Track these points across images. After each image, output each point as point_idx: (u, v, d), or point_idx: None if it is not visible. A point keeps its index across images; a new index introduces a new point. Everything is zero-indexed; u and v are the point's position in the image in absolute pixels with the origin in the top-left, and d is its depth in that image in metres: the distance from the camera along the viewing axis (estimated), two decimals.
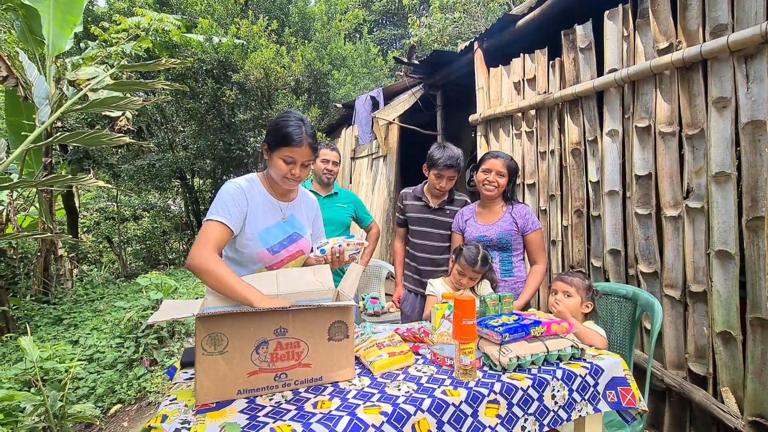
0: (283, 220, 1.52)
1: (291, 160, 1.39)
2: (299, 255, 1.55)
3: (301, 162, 1.41)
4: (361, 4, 17.38)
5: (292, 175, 1.42)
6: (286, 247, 1.51)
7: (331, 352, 1.18)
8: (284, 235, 1.51)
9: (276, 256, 1.49)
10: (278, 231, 1.49)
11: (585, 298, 1.62)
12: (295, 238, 1.54)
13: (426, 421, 1.05)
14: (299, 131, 1.38)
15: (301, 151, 1.39)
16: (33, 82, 3.01)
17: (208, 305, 1.19)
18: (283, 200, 1.54)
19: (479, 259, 1.77)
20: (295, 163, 1.40)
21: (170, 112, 8.84)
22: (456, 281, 1.82)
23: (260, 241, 1.44)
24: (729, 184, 1.69)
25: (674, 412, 1.97)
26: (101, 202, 9.88)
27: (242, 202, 1.40)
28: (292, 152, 1.38)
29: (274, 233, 1.48)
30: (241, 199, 1.40)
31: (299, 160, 1.40)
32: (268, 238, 1.46)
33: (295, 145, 1.37)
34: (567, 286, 1.64)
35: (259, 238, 1.44)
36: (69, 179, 2.75)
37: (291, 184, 1.46)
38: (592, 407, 1.27)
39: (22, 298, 4.72)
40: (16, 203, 4.71)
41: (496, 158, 1.98)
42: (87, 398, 2.72)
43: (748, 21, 1.64)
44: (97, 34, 5.89)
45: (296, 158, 1.39)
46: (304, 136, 1.39)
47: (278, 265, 1.50)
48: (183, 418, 1.03)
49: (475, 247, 1.82)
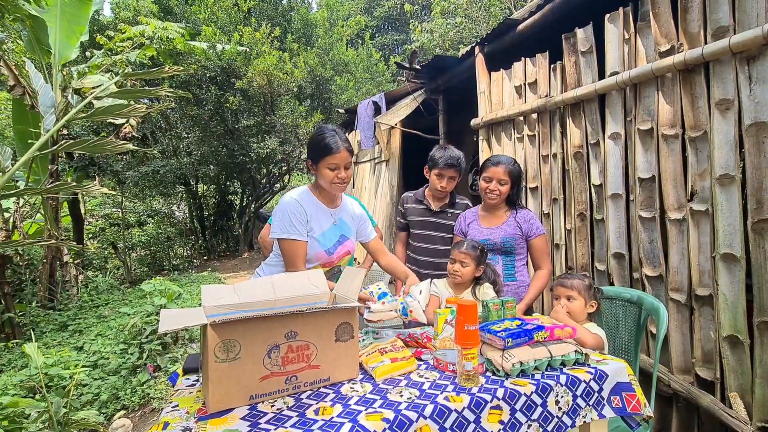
0: (335, 223, 1.73)
1: (335, 166, 1.59)
2: (346, 255, 1.78)
3: (343, 166, 1.61)
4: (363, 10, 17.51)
5: (339, 179, 1.61)
6: (337, 248, 1.73)
7: (338, 353, 1.22)
8: (337, 236, 1.73)
9: (331, 256, 1.71)
10: (332, 233, 1.71)
11: (588, 298, 1.61)
12: (343, 240, 1.75)
13: (428, 427, 1.04)
14: (335, 140, 1.58)
15: (341, 155, 1.59)
16: (39, 91, 3.05)
17: (208, 312, 1.19)
18: (331, 206, 1.74)
19: (465, 241, 1.84)
20: (339, 168, 1.60)
21: (174, 118, 8.92)
22: (450, 272, 1.83)
23: (319, 243, 1.66)
24: (734, 187, 1.68)
25: (681, 418, 1.94)
26: (106, 208, 9.96)
27: (302, 214, 1.62)
28: (334, 159, 1.58)
29: (329, 236, 1.70)
30: (300, 212, 1.62)
31: (341, 164, 1.60)
32: (325, 240, 1.68)
33: (335, 152, 1.58)
34: (568, 291, 1.64)
35: (319, 241, 1.66)
36: (74, 186, 2.78)
37: (340, 187, 1.64)
38: (596, 413, 1.26)
39: (28, 305, 4.75)
40: (22, 210, 4.75)
41: (496, 165, 1.95)
42: (91, 405, 2.72)
43: (750, 22, 1.63)
44: (103, 42, 5.97)
45: (339, 163, 1.59)
46: (340, 142, 1.59)
47: (329, 264, 1.73)
48: (185, 425, 1.02)
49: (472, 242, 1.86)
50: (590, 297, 1.62)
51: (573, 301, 1.63)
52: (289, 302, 1.26)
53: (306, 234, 1.62)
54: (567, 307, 1.62)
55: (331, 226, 1.70)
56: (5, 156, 3.05)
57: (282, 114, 8.12)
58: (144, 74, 3.40)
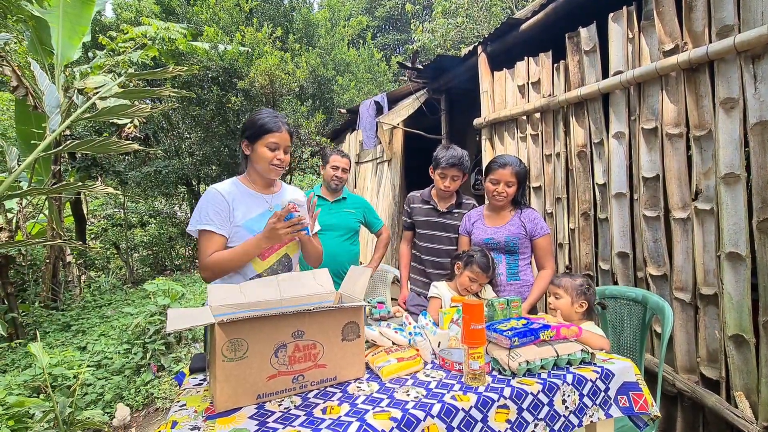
0: (270, 209, 1.60)
1: (275, 146, 1.51)
2: (289, 240, 1.61)
3: (284, 147, 1.53)
4: (364, 10, 17.51)
5: (279, 161, 1.53)
6: None
7: (344, 352, 1.22)
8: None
9: None
10: (263, 220, 1.55)
11: (576, 298, 1.61)
12: None
13: (436, 426, 1.04)
14: (275, 119, 1.52)
15: (282, 135, 1.52)
16: (43, 92, 3.05)
17: (215, 312, 1.19)
18: (266, 192, 1.63)
19: (491, 265, 1.80)
20: (279, 148, 1.52)
21: (176, 119, 8.92)
22: (466, 287, 1.81)
23: (246, 230, 1.53)
24: (739, 186, 1.67)
25: (687, 418, 1.93)
26: (109, 208, 9.97)
27: (221, 202, 1.51)
28: (273, 137, 1.50)
29: (258, 222, 1.55)
30: (218, 200, 1.51)
31: (282, 144, 1.53)
32: (253, 226, 1.54)
33: (275, 131, 1.50)
34: (555, 288, 1.66)
35: (245, 227, 1.53)
36: (79, 186, 2.78)
37: (277, 171, 1.55)
38: (603, 412, 1.26)
39: (31, 305, 4.76)
40: (25, 210, 4.76)
41: (503, 167, 1.92)
42: (95, 404, 2.73)
43: (755, 21, 1.63)
44: (105, 43, 5.97)
45: (279, 143, 1.52)
46: (281, 123, 1.52)
47: (269, 252, 1.57)
48: (193, 424, 1.03)
49: (482, 253, 1.83)
50: (578, 296, 1.61)
51: (559, 299, 1.64)
52: (295, 302, 1.26)
53: (226, 226, 1.49)
54: (553, 304, 1.64)
55: (263, 212, 1.57)
56: (11, 156, 3.06)
57: (283, 114, 8.13)
58: (147, 74, 3.40)
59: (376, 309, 2.84)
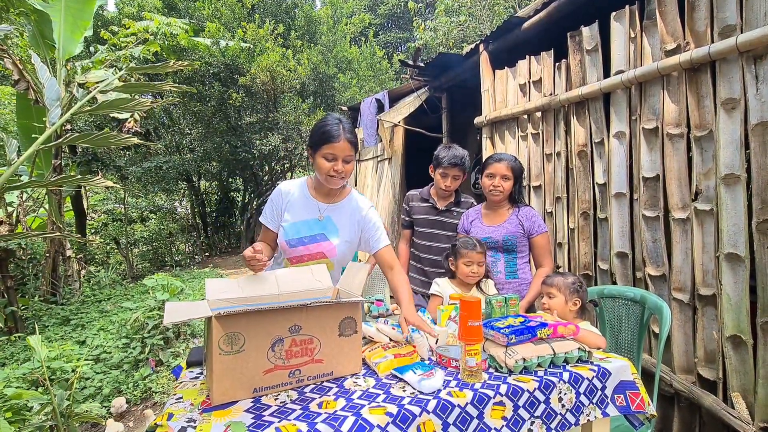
0: (320, 219, 1.59)
1: (332, 156, 1.47)
2: (320, 257, 1.58)
3: (342, 158, 1.48)
4: (366, 7, 17.47)
5: (336, 172, 1.49)
6: (306, 244, 1.56)
7: (341, 348, 1.22)
8: (309, 232, 1.57)
9: (293, 250, 1.56)
10: (304, 227, 1.57)
11: (569, 296, 1.61)
12: (319, 239, 1.57)
13: (431, 422, 1.05)
14: (337, 128, 1.47)
15: (341, 146, 1.46)
16: (44, 85, 3.05)
17: (212, 306, 1.20)
18: (324, 201, 1.61)
19: (475, 241, 1.82)
20: (337, 159, 1.48)
21: (177, 114, 8.92)
22: (468, 274, 1.80)
23: (283, 231, 1.56)
24: (739, 186, 1.67)
25: (683, 418, 1.94)
26: (109, 204, 9.98)
27: (279, 201, 1.58)
28: (332, 149, 1.46)
29: (298, 228, 1.56)
30: (278, 199, 1.59)
31: (340, 155, 1.47)
32: (290, 230, 1.55)
33: (334, 141, 1.46)
34: (548, 288, 1.66)
35: (283, 229, 1.56)
36: (79, 179, 2.78)
37: (335, 181, 1.52)
38: (600, 411, 1.26)
39: (31, 299, 4.77)
40: (25, 204, 4.76)
41: (498, 161, 1.98)
42: (93, 398, 2.73)
43: (757, 21, 1.62)
44: (107, 38, 5.97)
45: (337, 154, 1.47)
46: (341, 132, 1.47)
47: (297, 260, 1.57)
48: (189, 416, 1.03)
49: (463, 238, 1.86)
50: (572, 294, 1.61)
51: (553, 297, 1.63)
52: (293, 297, 1.27)
53: (276, 222, 1.57)
54: (547, 303, 1.64)
55: (310, 220, 1.57)
56: (11, 148, 3.06)
57: (285, 111, 8.12)
58: (148, 68, 3.40)
59: (375, 306, 2.85)
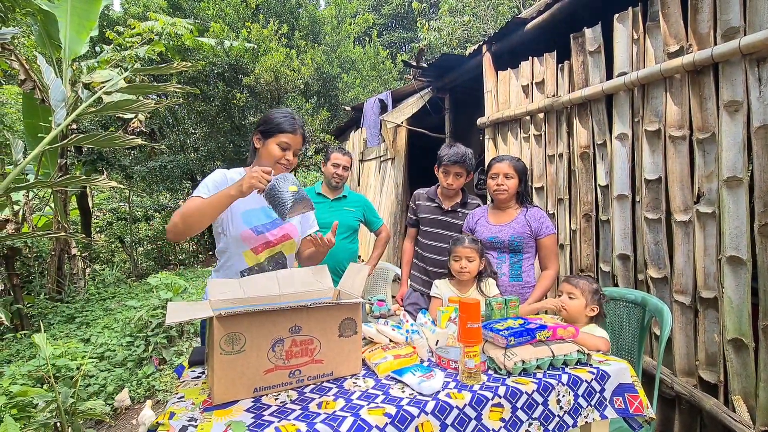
0: (267, 206, 1.56)
1: (286, 146, 1.52)
2: (286, 239, 1.60)
3: (294, 149, 1.54)
4: (370, 7, 17.48)
5: (286, 161, 1.53)
6: (270, 230, 1.57)
7: (341, 348, 1.23)
8: (268, 219, 1.58)
9: (260, 237, 1.54)
10: (261, 214, 1.56)
11: (590, 301, 1.60)
12: (279, 222, 1.59)
13: (429, 423, 1.05)
14: (293, 121, 1.53)
15: (296, 138, 1.53)
16: (50, 85, 3.08)
17: (214, 306, 1.21)
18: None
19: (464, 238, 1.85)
20: (290, 149, 1.53)
21: (182, 114, 8.97)
22: (457, 271, 1.82)
23: (243, 220, 1.52)
24: (741, 189, 1.67)
25: (684, 421, 1.93)
26: (114, 202, 10.06)
27: (222, 182, 1.50)
28: (288, 138, 1.51)
29: (256, 215, 1.55)
30: (222, 182, 1.50)
31: (293, 147, 1.53)
32: (251, 218, 1.53)
33: (290, 132, 1.51)
34: (572, 288, 1.63)
35: (242, 217, 1.52)
36: (84, 180, 2.81)
37: (281, 171, 1.52)
38: (598, 413, 1.26)
39: (37, 297, 4.82)
40: (31, 203, 4.81)
41: (500, 162, 2.00)
42: (97, 395, 2.76)
43: (761, 24, 1.62)
44: (112, 38, 6.01)
45: (291, 144, 1.52)
46: (297, 125, 1.53)
47: (263, 247, 1.55)
48: (190, 415, 1.04)
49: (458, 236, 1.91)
50: (593, 301, 1.61)
51: (573, 299, 1.62)
52: (294, 297, 1.28)
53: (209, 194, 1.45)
54: (566, 303, 1.62)
55: (261, 207, 1.57)
56: (17, 149, 3.09)
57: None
58: (153, 69, 3.43)
59: (377, 306, 2.86)
